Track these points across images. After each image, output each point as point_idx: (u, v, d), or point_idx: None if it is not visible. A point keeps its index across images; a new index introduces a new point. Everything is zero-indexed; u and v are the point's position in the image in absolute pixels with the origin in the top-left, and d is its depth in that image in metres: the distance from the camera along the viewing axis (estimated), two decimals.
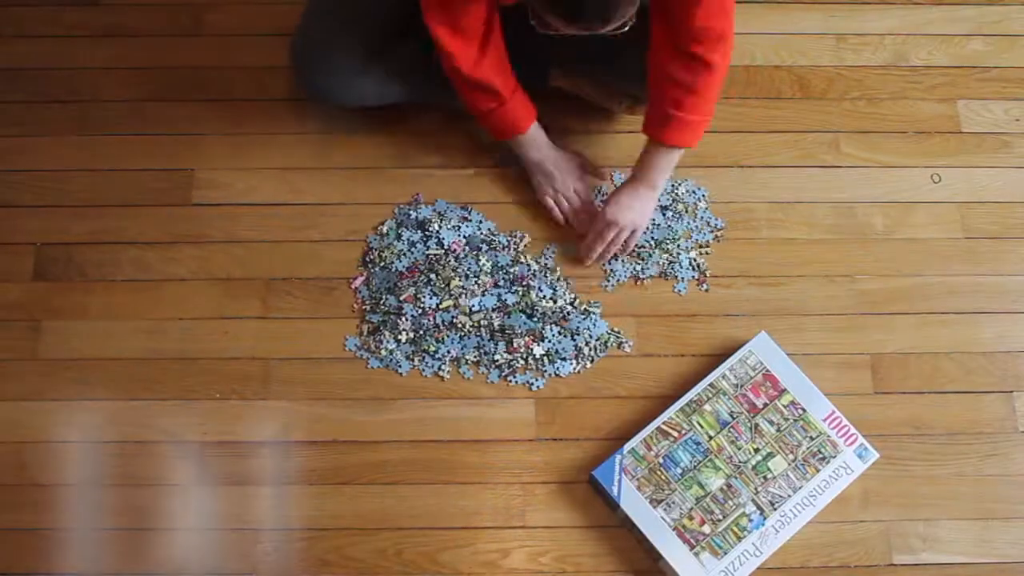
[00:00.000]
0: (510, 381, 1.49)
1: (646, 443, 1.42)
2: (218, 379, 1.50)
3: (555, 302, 1.53)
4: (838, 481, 1.41)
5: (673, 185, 1.61)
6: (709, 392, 1.45)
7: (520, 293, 1.53)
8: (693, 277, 1.56)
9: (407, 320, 1.51)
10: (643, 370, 1.51)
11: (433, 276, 1.53)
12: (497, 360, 1.50)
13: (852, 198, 1.63)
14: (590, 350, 1.51)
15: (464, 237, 1.56)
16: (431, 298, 1.52)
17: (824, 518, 1.41)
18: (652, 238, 1.58)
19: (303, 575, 1.40)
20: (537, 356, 1.50)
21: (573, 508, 1.44)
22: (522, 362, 1.49)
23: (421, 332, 1.51)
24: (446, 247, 1.56)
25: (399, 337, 1.50)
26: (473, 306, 1.51)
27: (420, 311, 1.51)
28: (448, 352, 1.50)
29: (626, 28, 1.18)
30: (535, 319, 1.52)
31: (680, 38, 1.31)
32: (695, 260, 1.57)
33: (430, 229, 1.57)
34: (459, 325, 1.50)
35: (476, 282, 1.53)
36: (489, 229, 1.58)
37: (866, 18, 1.77)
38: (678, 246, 1.58)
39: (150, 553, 1.41)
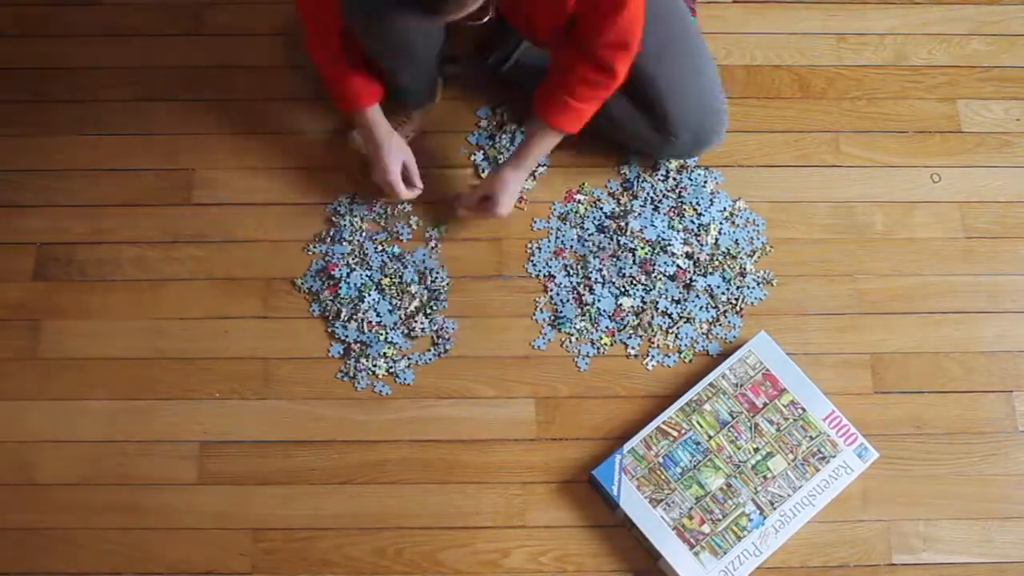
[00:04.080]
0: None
1: (646, 443, 1.42)
2: (218, 379, 1.50)
3: None
4: (838, 481, 1.41)
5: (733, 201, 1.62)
6: (709, 392, 1.45)
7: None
8: (763, 297, 1.56)
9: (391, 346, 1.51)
10: (643, 370, 1.51)
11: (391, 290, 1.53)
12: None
13: (852, 198, 1.63)
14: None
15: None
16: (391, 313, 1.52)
17: (824, 518, 1.41)
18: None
19: (303, 575, 1.40)
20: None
21: (573, 508, 1.44)
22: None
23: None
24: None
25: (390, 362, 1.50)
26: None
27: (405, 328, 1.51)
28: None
29: (483, 20, 1.21)
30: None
31: (591, 45, 1.36)
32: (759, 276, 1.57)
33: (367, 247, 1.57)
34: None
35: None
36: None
37: (866, 18, 1.77)
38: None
39: (150, 553, 1.41)
